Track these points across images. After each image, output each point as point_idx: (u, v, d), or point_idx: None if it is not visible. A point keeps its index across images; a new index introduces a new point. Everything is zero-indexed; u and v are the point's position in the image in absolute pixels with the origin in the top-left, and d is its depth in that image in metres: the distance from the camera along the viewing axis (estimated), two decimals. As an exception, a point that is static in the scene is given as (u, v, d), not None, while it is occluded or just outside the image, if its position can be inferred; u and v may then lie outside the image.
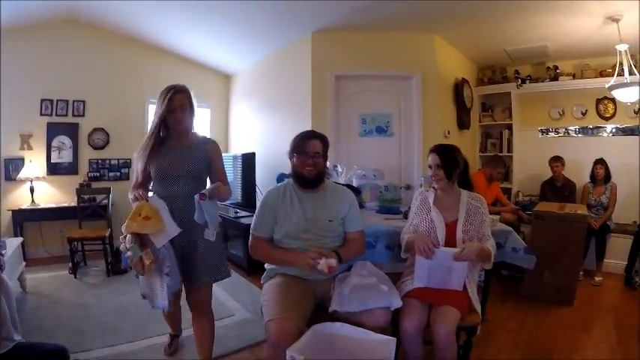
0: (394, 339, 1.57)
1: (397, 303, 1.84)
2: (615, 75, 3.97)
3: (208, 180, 2.19)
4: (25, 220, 4.55)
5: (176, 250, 1.97)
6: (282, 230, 2.05)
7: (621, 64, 3.87)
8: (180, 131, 2.07)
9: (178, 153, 2.07)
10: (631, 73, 3.86)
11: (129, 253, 1.84)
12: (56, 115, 4.92)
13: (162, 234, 1.86)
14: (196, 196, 1.89)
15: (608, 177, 4.37)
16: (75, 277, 4.07)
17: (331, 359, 1.56)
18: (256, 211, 2.14)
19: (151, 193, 2.07)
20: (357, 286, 1.85)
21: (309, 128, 4.09)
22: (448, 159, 2.13)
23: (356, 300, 1.80)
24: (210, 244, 2.05)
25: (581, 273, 4.01)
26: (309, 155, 2.04)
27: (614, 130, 4.81)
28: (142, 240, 1.85)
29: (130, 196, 1.95)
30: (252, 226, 2.12)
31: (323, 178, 2.14)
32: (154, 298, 1.99)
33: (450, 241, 2.07)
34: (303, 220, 2.05)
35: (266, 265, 2.16)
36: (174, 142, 2.08)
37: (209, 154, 2.14)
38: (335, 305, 1.83)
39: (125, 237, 1.87)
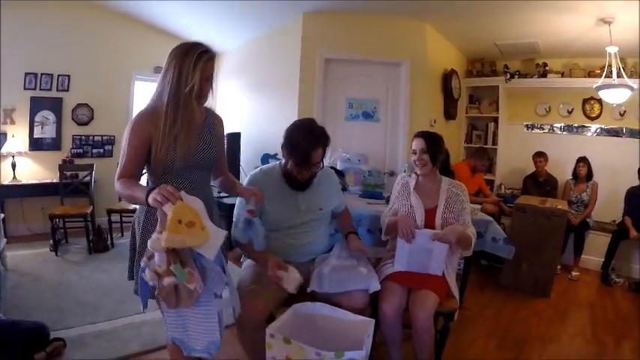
0: (373, 320, 1.60)
1: (375, 286, 1.85)
2: (603, 76, 4.01)
3: None
4: (6, 196, 4.45)
5: None
6: (272, 222, 1.95)
7: (610, 65, 3.92)
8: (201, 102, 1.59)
9: (203, 134, 1.62)
10: (619, 75, 3.91)
11: (169, 280, 1.25)
12: (40, 89, 4.79)
13: (210, 243, 1.33)
14: (244, 212, 1.66)
15: (590, 175, 4.46)
16: (56, 255, 4.02)
17: (310, 338, 1.58)
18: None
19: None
20: (337, 268, 1.85)
21: (296, 110, 4.09)
22: (434, 144, 2.15)
23: (335, 281, 1.80)
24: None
25: (558, 267, 4.11)
26: (310, 166, 1.87)
27: (598, 131, 4.90)
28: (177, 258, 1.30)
29: (154, 198, 1.27)
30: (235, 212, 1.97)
31: (315, 176, 2.00)
32: (191, 341, 1.42)
33: (429, 227, 2.10)
34: (295, 213, 1.97)
35: None
36: (188, 116, 1.53)
37: (218, 133, 1.72)
38: (314, 285, 1.82)
39: (150, 257, 1.30)
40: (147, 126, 1.47)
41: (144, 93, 5.21)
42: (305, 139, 1.81)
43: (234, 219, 1.94)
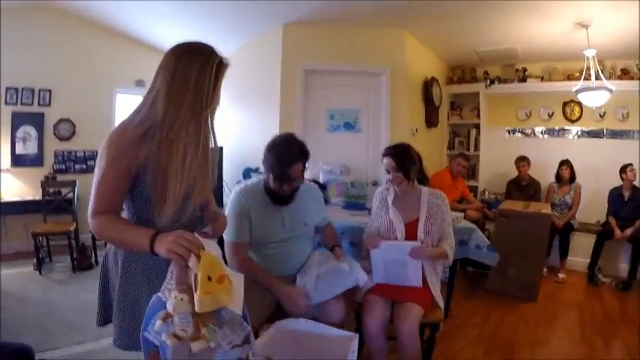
0: (356, 335, 1.59)
1: (363, 278, 1.87)
2: (582, 79, 4.10)
3: None
4: (-12, 214, 4.38)
5: None
6: (258, 237, 1.96)
7: (588, 69, 4.00)
8: None
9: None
10: (597, 78, 3.99)
11: (200, 345, 1.03)
12: (21, 104, 4.74)
13: (236, 294, 1.11)
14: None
15: (573, 177, 4.52)
16: (40, 274, 3.95)
17: (294, 355, 1.57)
18: (231, 217, 1.90)
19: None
20: (320, 275, 1.86)
21: (277, 122, 4.07)
22: (404, 159, 2.12)
23: (322, 289, 1.81)
24: None
25: (545, 270, 4.15)
26: (290, 181, 1.88)
27: (579, 133, 4.98)
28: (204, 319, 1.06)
29: (172, 250, 1.02)
30: (230, 234, 1.91)
31: (297, 190, 1.99)
32: None
33: (410, 240, 2.10)
34: (280, 227, 1.98)
35: None
36: (205, 144, 1.26)
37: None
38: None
39: (166, 318, 1.05)
40: (140, 145, 1.12)
41: (125, 106, 5.16)
42: (284, 154, 1.83)
43: None
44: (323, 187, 3.11)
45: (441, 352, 2.51)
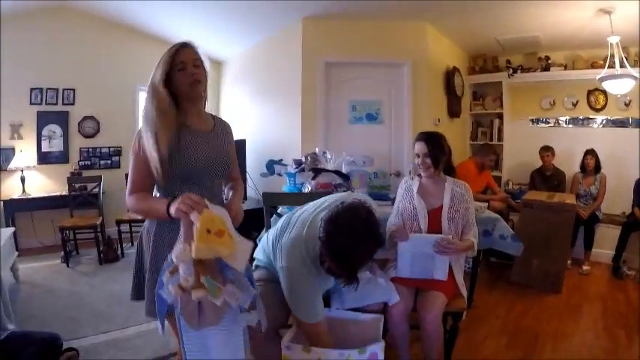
0: (381, 316, 1.61)
1: (395, 298, 1.85)
2: (606, 67, 3.99)
3: None
4: (16, 210, 4.52)
5: None
6: None
7: (612, 56, 3.89)
8: (197, 101, 1.49)
9: (214, 140, 1.51)
10: (622, 65, 3.88)
11: (199, 294, 1.12)
12: (46, 103, 4.87)
13: (238, 253, 1.23)
14: None
15: (598, 168, 4.41)
16: (67, 266, 4.07)
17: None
18: None
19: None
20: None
21: (299, 115, 4.12)
22: (436, 147, 2.13)
23: (355, 297, 1.77)
24: None
25: (569, 262, 4.07)
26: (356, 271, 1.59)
27: (604, 122, 4.85)
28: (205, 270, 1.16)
29: (178, 208, 1.21)
30: None
31: None
32: None
33: (433, 228, 2.09)
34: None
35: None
36: (195, 122, 1.48)
37: (229, 139, 1.62)
38: (337, 304, 1.81)
39: (173, 271, 1.17)
40: (157, 132, 1.36)
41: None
42: (356, 248, 1.47)
43: None
44: (346, 177, 3.11)
45: (463, 342, 2.49)
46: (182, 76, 1.39)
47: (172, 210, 1.24)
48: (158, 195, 1.46)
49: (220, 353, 1.24)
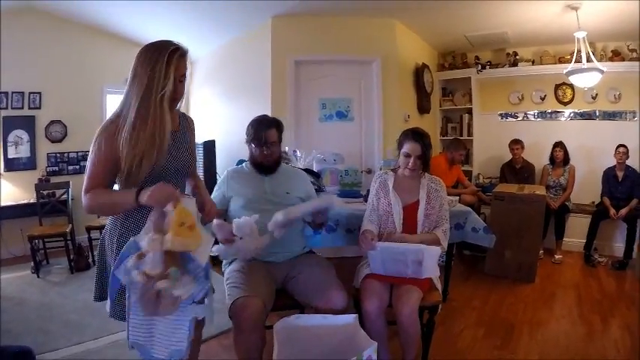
0: (355, 315, 1.60)
1: (337, 202, 2.00)
2: (573, 61, 4.10)
3: None
4: (-17, 220, 4.35)
5: None
6: (239, 201, 2.10)
7: (579, 51, 3.99)
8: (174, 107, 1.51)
9: (181, 139, 1.54)
10: (588, 59, 3.99)
11: (164, 284, 1.19)
12: (11, 108, 4.69)
13: (203, 247, 1.30)
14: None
15: (566, 159, 4.54)
16: (38, 277, 3.93)
17: (306, 351, 1.56)
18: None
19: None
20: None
21: (269, 114, 4.08)
22: (428, 149, 2.12)
23: (293, 209, 1.90)
24: None
25: (541, 251, 4.18)
26: (267, 145, 2.11)
27: (572, 115, 4.99)
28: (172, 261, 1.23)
29: (153, 196, 1.25)
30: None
31: (280, 162, 2.22)
32: (155, 347, 1.32)
33: (408, 224, 2.10)
34: (261, 191, 2.12)
35: None
36: (160, 127, 1.45)
37: (193, 138, 1.65)
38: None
39: (140, 256, 1.22)
40: (115, 133, 1.33)
41: (116, 106, 5.11)
42: (259, 124, 2.14)
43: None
44: (317, 175, 3.10)
45: (441, 335, 2.53)
46: (180, 87, 1.43)
47: (144, 198, 1.25)
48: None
49: (163, 341, 1.31)
